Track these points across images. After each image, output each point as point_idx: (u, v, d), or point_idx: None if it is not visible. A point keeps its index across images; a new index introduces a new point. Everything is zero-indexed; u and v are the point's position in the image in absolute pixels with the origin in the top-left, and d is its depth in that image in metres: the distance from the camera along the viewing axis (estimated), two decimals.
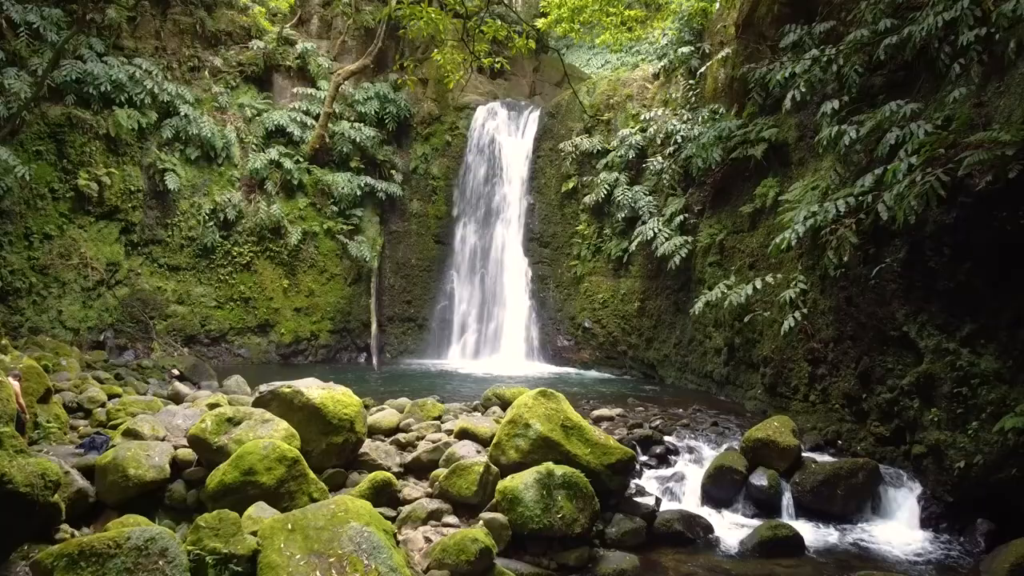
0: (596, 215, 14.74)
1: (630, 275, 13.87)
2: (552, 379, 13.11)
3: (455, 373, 13.67)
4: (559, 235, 15.49)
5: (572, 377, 13.51)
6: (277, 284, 15.05)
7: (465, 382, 12.44)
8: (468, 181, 16.44)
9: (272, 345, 15.01)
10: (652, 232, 12.66)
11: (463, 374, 13.49)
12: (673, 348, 12.60)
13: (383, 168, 16.42)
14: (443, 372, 13.91)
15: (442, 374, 13.63)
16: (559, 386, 11.57)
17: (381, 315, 15.94)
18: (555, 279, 15.42)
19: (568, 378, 13.29)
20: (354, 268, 15.61)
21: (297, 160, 15.28)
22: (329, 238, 15.42)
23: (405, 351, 16.06)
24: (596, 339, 14.34)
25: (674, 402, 10.47)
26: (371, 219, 16.11)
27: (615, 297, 14.06)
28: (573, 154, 15.19)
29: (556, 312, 15.22)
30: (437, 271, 16.46)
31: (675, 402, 10.47)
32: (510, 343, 15.15)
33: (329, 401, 6.36)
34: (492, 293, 15.70)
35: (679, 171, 13.03)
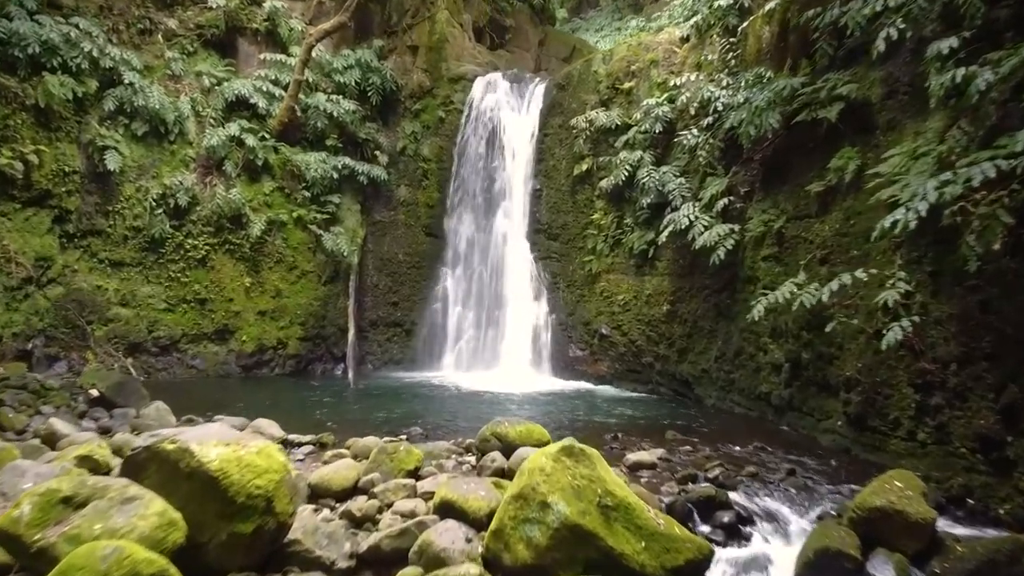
0: (615, 202, 12.43)
1: (656, 272, 11.54)
2: (563, 397, 10.80)
3: (447, 389, 11.35)
4: (570, 226, 13.17)
5: (588, 395, 11.18)
6: (238, 283, 12.73)
7: (458, 402, 10.11)
8: (464, 164, 14.13)
9: (232, 354, 12.69)
10: (687, 220, 10.34)
11: (457, 391, 11.16)
12: (714, 362, 10.27)
13: (365, 148, 14.11)
14: (433, 387, 11.59)
15: (431, 390, 11.30)
16: (573, 409, 9.44)
17: (361, 319, 13.63)
18: (566, 277, 13.11)
19: (583, 396, 10.97)
20: (330, 264, 13.28)
21: (262, 137, 12.97)
22: (300, 229, 13.10)
23: (390, 361, 13.73)
24: (615, 349, 12.01)
25: (724, 434, 8.15)
26: (350, 207, 13.78)
27: (638, 299, 11.74)
28: (587, 131, 12.91)
29: (567, 316, 12.90)
30: (428, 268, 14.14)
31: (725, 434, 8.14)
32: (512, 352, 12.83)
33: (233, 466, 4.04)
34: (492, 294, 13.38)
35: (719, 146, 10.71)
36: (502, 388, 11.18)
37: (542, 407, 9.77)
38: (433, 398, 10.48)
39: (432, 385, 11.73)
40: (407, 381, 12.26)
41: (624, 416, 9.23)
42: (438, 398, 10.50)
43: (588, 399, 10.71)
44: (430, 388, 11.47)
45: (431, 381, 12.14)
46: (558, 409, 9.57)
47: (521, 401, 10.22)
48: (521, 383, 11.73)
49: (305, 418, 8.52)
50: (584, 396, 10.97)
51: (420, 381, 12.23)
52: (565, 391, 11.35)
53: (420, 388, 11.48)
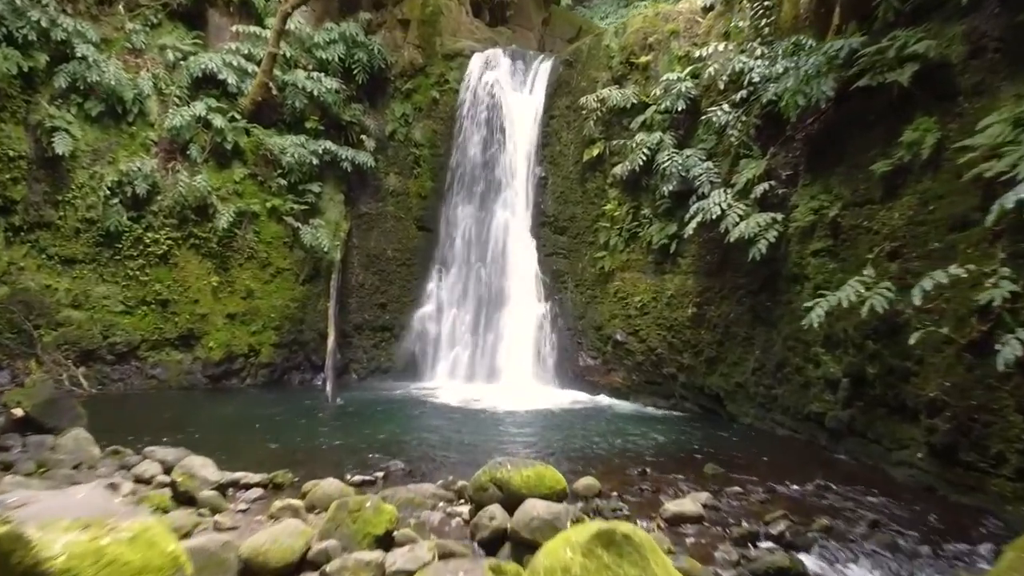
0: (630, 190, 10.98)
1: (679, 270, 10.08)
2: (574, 415, 9.34)
3: (440, 405, 9.88)
4: (580, 218, 11.71)
5: (602, 411, 9.72)
6: (204, 282, 11.27)
7: (452, 422, 8.64)
8: (460, 149, 12.66)
9: (198, 363, 11.23)
10: (717, 209, 8.88)
11: (450, 407, 9.70)
12: (750, 375, 8.81)
13: (350, 132, 12.64)
14: (423, 402, 10.12)
15: (421, 406, 9.83)
16: (587, 430, 7.97)
17: (344, 323, 12.17)
18: (575, 276, 11.65)
19: (597, 413, 9.51)
20: (309, 261, 11.82)
21: (233, 117, 11.51)
22: (275, 221, 11.63)
23: (377, 370, 12.27)
24: (632, 357, 10.54)
25: (775, 467, 6.69)
26: (333, 197, 12.32)
27: (658, 300, 10.27)
28: (598, 111, 11.48)
29: (577, 320, 11.44)
30: (420, 266, 12.68)
31: (776, 467, 6.69)
32: (514, 361, 11.37)
33: (89, 564, 2.59)
34: (491, 294, 11.93)
35: (754, 123, 9.25)
36: (503, 404, 9.71)
37: (550, 428, 8.31)
38: (422, 417, 9.01)
39: (423, 399, 10.26)
40: (395, 394, 10.79)
41: (649, 441, 7.76)
42: (428, 417, 9.03)
43: (603, 417, 9.24)
44: (420, 403, 10.00)
45: (422, 394, 10.67)
46: (569, 431, 8.11)
47: (525, 421, 8.77)
48: (524, 397, 10.27)
49: (266, 444, 7.07)
50: (598, 413, 9.50)
51: (410, 394, 10.77)
52: (575, 407, 9.88)
53: (409, 403, 10.00)
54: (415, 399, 10.26)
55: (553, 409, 9.55)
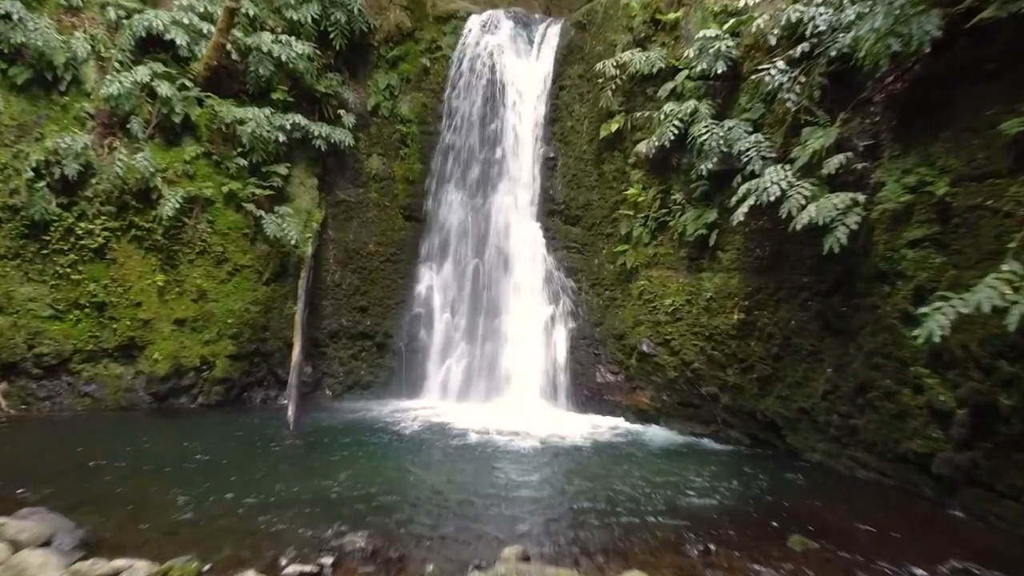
0: (657, 171, 9.17)
1: (720, 266, 8.26)
2: (595, 448, 7.52)
3: (428, 434, 8.05)
4: (596, 205, 9.90)
5: (628, 443, 7.89)
6: (148, 281, 9.43)
7: (439, 462, 6.82)
8: (455, 126, 10.85)
9: (140, 379, 9.39)
10: (776, 189, 7.03)
11: (439, 437, 7.85)
12: (820, 399, 6.98)
13: (325, 105, 10.81)
14: (408, 430, 8.28)
15: (405, 436, 7.99)
16: (611, 473, 5.90)
17: (317, 330, 10.33)
18: (590, 274, 9.82)
19: (622, 446, 7.68)
20: (274, 257, 9.98)
21: (183, 85, 9.67)
22: (233, 209, 9.78)
23: (356, 385, 10.42)
24: (662, 373, 8.71)
25: (882, 535, 4.86)
26: (304, 181, 10.48)
27: (693, 303, 8.45)
28: (617, 79, 9.68)
29: (593, 327, 9.61)
30: (407, 262, 10.85)
31: (884, 535, 4.87)
32: (518, 376, 9.55)
33: None
34: (491, 296, 10.11)
35: (818, 83, 7.40)
36: (505, 431, 7.89)
37: (565, 472, 6.47)
38: (403, 453, 7.15)
39: (407, 426, 8.41)
40: (374, 417, 8.95)
41: (697, 490, 5.93)
42: (410, 452, 7.18)
43: (631, 452, 7.41)
44: (403, 432, 8.15)
45: (407, 418, 8.83)
46: (591, 475, 6.28)
47: (532, 458, 6.94)
48: (531, 422, 8.44)
49: (188, 501, 5.23)
50: (624, 446, 7.67)
51: (392, 417, 8.92)
52: (594, 435, 8.05)
53: (390, 432, 8.15)
54: (397, 425, 8.40)
55: (567, 440, 7.71)
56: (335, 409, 9.42)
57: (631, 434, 8.23)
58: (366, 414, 9.07)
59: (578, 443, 7.62)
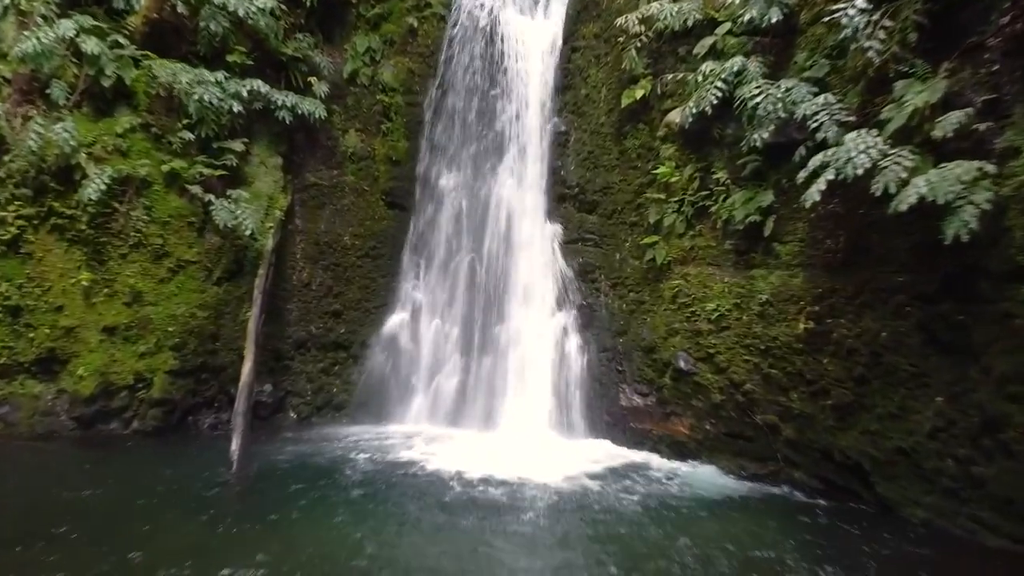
0: (694, 145, 7.48)
1: (779, 261, 6.54)
2: (621, 496, 5.78)
3: (409, 479, 6.30)
4: (616, 188, 8.18)
5: (664, 488, 6.15)
6: (71, 280, 7.73)
7: (420, 521, 5.08)
8: (448, 96, 9.14)
9: (62, 399, 7.68)
10: (864, 159, 5.34)
11: (423, 480, 6.12)
12: (927, 437, 5.24)
13: (293, 71, 9.09)
14: (383, 471, 6.52)
15: (377, 480, 6.23)
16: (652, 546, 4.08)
17: (280, 339, 8.58)
18: (611, 272, 8.10)
19: (657, 493, 5.93)
20: (227, 251, 8.25)
21: (116, 43, 7.96)
22: (176, 192, 8.06)
23: (327, 406, 8.68)
24: (705, 396, 6.96)
25: None
26: (265, 160, 8.76)
27: (744, 308, 6.72)
28: (642, 36, 8.05)
29: (615, 337, 7.86)
30: (389, 258, 9.13)
31: None
32: (523, 397, 7.82)
33: None
34: (489, 299, 8.40)
35: (913, 23, 5.67)
36: (508, 474, 6.16)
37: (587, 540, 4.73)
38: (373, 508, 5.40)
39: (384, 464, 6.66)
40: (344, 450, 7.21)
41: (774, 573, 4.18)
42: (383, 504, 5.44)
43: (670, 502, 5.67)
44: (378, 472, 6.40)
45: (385, 449, 7.10)
46: (625, 547, 4.53)
47: (542, 518, 5.21)
48: (540, 459, 6.71)
49: None
50: (661, 495, 5.91)
51: (367, 451, 7.18)
52: (620, 478, 6.32)
53: (360, 475, 6.39)
54: (371, 463, 6.64)
55: (586, 486, 5.97)
56: (298, 438, 7.66)
57: (667, 475, 6.48)
58: (335, 445, 7.34)
59: (601, 491, 5.87)
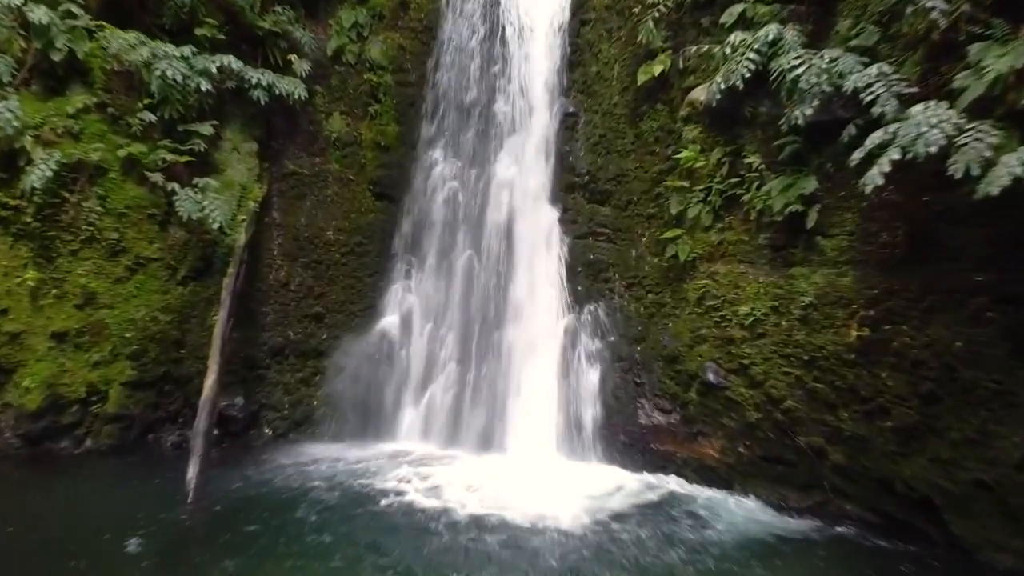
0: (722, 126, 6.58)
1: (825, 258, 5.64)
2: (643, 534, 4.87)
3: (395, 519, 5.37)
4: (632, 176, 7.27)
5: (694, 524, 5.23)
6: (16, 280, 6.83)
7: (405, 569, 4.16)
8: (444, 74, 8.24)
9: (7, 414, 6.78)
10: (938, 133, 4.44)
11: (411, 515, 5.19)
12: (1015, 469, 4.34)
13: (271, 48, 8.19)
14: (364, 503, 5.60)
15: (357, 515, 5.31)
16: None
17: (254, 346, 7.66)
18: (626, 270, 7.18)
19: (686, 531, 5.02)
20: (194, 247, 7.34)
21: (69, 12, 7.06)
22: (134, 181, 7.15)
23: (306, 421, 7.75)
24: (738, 413, 6.04)
25: None
26: (238, 146, 7.85)
27: (783, 312, 5.81)
28: (660, 6, 7.21)
29: (632, 345, 6.94)
30: (377, 255, 8.23)
31: None
32: (527, 413, 6.90)
33: None
34: (489, 301, 7.48)
35: None
36: (507, 507, 5.24)
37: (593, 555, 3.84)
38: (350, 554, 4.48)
39: (366, 492, 5.75)
40: (323, 476, 6.28)
41: None
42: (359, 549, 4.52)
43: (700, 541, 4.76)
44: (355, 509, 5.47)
45: (368, 480, 6.18)
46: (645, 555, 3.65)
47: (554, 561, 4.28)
48: (546, 490, 5.80)
49: None
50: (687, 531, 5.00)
51: (348, 476, 6.26)
52: (641, 509, 5.42)
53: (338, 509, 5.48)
54: (350, 495, 5.71)
55: (605, 527, 5.06)
56: (269, 461, 6.74)
57: (694, 506, 5.57)
58: (312, 469, 6.42)
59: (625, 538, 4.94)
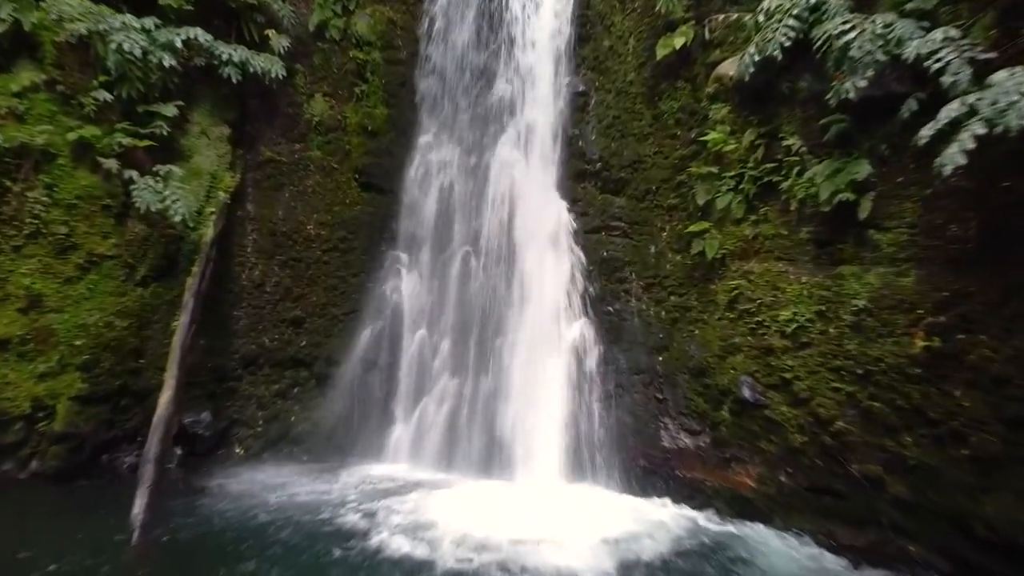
0: (755, 104, 5.76)
1: (880, 254, 4.81)
2: None
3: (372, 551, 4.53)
4: (651, 163, 6.44)
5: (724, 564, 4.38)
6: None
7: None
8: (438, 51, 7.40)
9: None
10: None
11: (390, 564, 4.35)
12: None
13: (247, 22, 7.36)
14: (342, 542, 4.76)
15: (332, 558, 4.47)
16: None
17: (223, 355, 6.82)
18: (644, 268, 6.34)
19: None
20: (155, 243, 6.51)
21: None
22: (87, 168, 6.32)
23: (283, 439, 6.91)
24: (779, 436, 5.20)
25: None
26: (207, 129, 7.01)
27: (831, 318, 4.98)
28: None
29: (652, 355, 6.10)
30: (363, 251, 7.40)
31: None
32: (530, 434, 6.05)
33: None
34: (488, 304, 6.64)
35: None
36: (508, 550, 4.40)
37: None
38: None
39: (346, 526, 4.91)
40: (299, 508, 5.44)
41: None
42: None
43: None
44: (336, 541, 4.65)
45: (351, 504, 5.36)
46: None
47: None
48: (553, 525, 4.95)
49: None
50: None
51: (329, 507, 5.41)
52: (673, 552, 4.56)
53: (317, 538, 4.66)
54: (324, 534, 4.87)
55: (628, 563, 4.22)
56: (238, 486, 5.89)
57: (728, 544, 4.73)
58: (288, 498, 5.58)
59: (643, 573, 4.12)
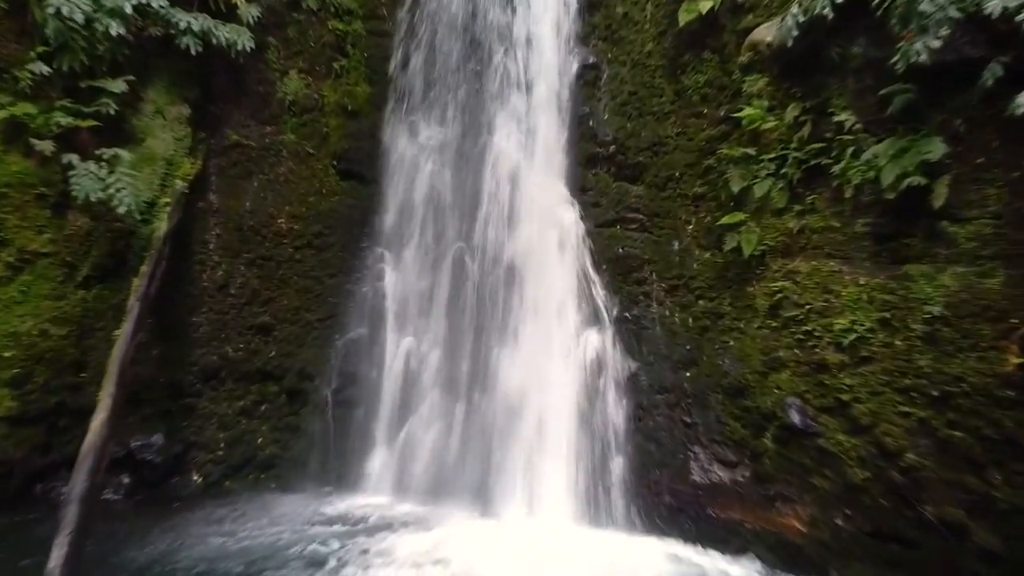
0: (797, 75, 4.87)
1: (958, 251, 3.93)
2: None
3: None
4: (672, 146, 5.57)
5: None
6: None
7: None
8: (428, 20, 6.54)
9: None
10: None
11: None
12: None
13: None
14: None
15: None
16: None
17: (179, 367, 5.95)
18: (667, 268, 5.47)
19: None
20: (100, 239, 5.65)
21: None
22: (19, 151, 5.46)
23: (248, 464, 6.03)
24: (835, 470, 4.31)
25: None
26: (164, 109, 6.14)
27: (898, 327, 4.09)
28: None
29: (678, 370, 5.22)
30: (341, 248, 6.53)
31: None
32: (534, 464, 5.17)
33: None
34: (485, 309, 5.77)
35: None
36: None
37: None
38: None
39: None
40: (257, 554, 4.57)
41: None
42: None
43: None
44: None
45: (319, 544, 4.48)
46: None
47: None
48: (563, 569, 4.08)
49: None
50: None
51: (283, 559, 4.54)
52: None
53: None
54: None
55: None
56: (190, 523, 5.02)
57: None
58: (243, 539, 4.70)
59: None
